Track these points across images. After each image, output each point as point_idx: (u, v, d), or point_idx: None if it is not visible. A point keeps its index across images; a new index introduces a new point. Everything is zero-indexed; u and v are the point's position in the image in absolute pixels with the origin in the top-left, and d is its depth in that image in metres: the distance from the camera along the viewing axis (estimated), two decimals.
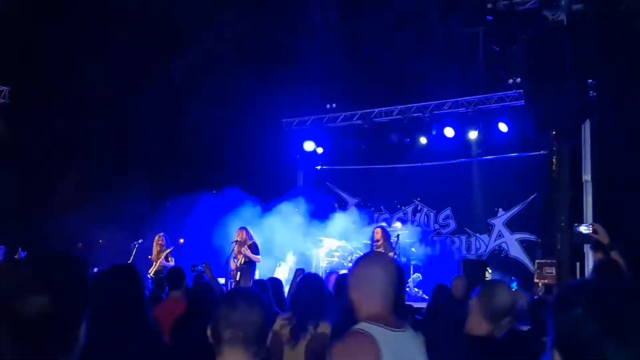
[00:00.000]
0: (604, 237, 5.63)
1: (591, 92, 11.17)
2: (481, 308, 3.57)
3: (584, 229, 5.80)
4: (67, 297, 1.77)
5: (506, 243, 14.13)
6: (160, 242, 11.40)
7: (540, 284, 11.60)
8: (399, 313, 2.92)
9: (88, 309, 1.86)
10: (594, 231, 5.70)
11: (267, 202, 14.62)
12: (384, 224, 13.74)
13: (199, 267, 7.78)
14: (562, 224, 9.00)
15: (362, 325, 2.60)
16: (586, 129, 11.98)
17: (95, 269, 9.79)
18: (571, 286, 1.62)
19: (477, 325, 3.59)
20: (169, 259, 11.24)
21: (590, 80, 10.83)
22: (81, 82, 13.95)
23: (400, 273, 2.97)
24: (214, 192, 16.76)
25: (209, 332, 2.43)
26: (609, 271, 5.17)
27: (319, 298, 5.09)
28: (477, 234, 14.55)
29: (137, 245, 11.91)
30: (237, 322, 2.37)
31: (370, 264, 2.83)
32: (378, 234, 11.86)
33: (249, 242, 11.45)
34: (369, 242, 12.36)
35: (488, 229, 14.41)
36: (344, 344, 2.57)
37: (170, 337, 5.00)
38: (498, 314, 3.52)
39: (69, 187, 14.42)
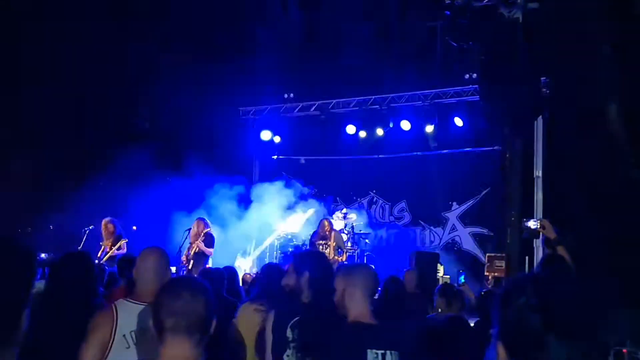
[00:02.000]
0: (551, 233, 5.74)
1: (544, 89, 11.37)
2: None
3: (532, 224, 5.91)
4: (10, 285, 1.74)
5: (459, 236, 14.34)
6: (108, 227, 11.15)
7: (490, 277, 11.82)
8: None
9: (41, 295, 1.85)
10: (542, 226, 5.81)
11: (222, 190, 14.55)
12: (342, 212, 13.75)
13: None
14: (513, 219, 9.16)
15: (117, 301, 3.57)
16: (538, 125, 12.17)
17: (44, 255, 9.67)
18: (517, 279, 1.65)
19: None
20: (122, 248, 11.04)
21: (544, 78, 11.01)
22: (33, 64, 13.64)
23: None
24: (168, 179, 16.59)
25: (151, 322, 2.41)
26: (554, 266, 5.27)
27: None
28: (432, 227, 14.73)
29: (87, 231, 11.69)
30: (179, 310, 2.34)
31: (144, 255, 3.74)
32: (327, 227, 11.80)
33: (206, 230, 11.38)
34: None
35: (442, 222, 14.60)
36: None
37: None
38: None
39: (18, 170, 14.11)
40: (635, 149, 12.43)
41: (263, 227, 14.29)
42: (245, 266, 13.59)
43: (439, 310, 6.94)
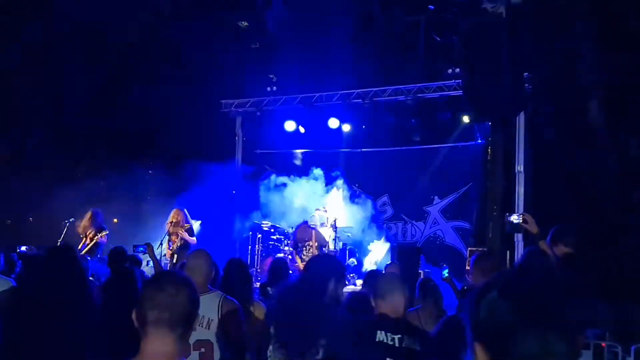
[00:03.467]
0: (533, 227, 5.78)
1: (526, 84, 11.41)
2: None
3: (514, 218, 5.94)
4: None
5: (441, 230, 14.34)
6: (91, 219, 11.06)
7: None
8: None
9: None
10: (524, 221, 5.84)
11: (204, 183, 14.48)
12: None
13: (141, 248, 7.65)
14: (495, 213, 9.20)
15: None
16: (520, 120, 12.23)
17: (24, 248, 9.56)
18: (487, 281, 1.66)
19: None
20: (103, 239, 10.93)
21: (526, 74, 11.06)
22: (15, 57, 13.52)
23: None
24: (149, 172, 16.50)
25: (134, 315, 2.38)
26: (534, 259, 5.30)
27: (249, 281, 5.44)
28: (413, 221, 14.72)
29: (67, 224, 11.57)
30: (163, 303, 2.33)
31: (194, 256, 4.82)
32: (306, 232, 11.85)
33: (186, 226, 11.28)
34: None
35: (424, 216, 14.59)
36: None
37: None
38: None
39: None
40: (616, 144, 12.55)
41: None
42: None
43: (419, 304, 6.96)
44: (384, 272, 8.51)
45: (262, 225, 13.79)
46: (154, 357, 2.31)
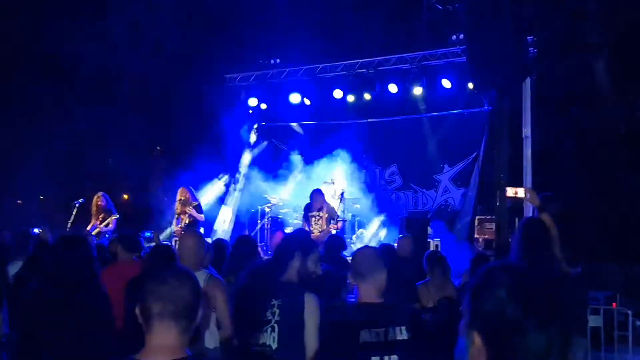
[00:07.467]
0: (534, 200, 5.80)
1: (531, 48, 11.27)
2: None
3: (512, 192, 5.97)
4: None
5: (453, 198, 14.30)
6: (99, 202, 11.09)
7: (480, 239, 11.88)
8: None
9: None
10: (525, 194, 5.85)
11: (211, 157, 14.51)
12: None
13: (147, 234, 7.67)
14: (502, 182, 9.15)
15: None
16: (526, 84, 12.08)
17: (37, 230, 9.64)
18: (491, 270, 1.66)
19: None
20: (109, 224, 10.91)
21: (530, 37, 10.92)
22: (20, 35, 13.50)
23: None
24: (157, 148, 16.54)
25: (137, 310, 2.40)
26: (532, 230, 5.33)
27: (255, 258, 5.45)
28: (424, 190, 14.67)
29: (77, 205, 11.60)
30: (166, 295, 2.34)
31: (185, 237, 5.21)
32: (319, 198, 11.78)
33: (194, 204, 11.31)
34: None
35: (434, 185, 14.55)
36: None
37: (124, 298, 4.99)
38: None
39: (7, 141, 14.06)
40: (623, 105, 12.46)
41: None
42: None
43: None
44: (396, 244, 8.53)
45: (271, 199, 13.80)
46: (159, 351, 2.33)
